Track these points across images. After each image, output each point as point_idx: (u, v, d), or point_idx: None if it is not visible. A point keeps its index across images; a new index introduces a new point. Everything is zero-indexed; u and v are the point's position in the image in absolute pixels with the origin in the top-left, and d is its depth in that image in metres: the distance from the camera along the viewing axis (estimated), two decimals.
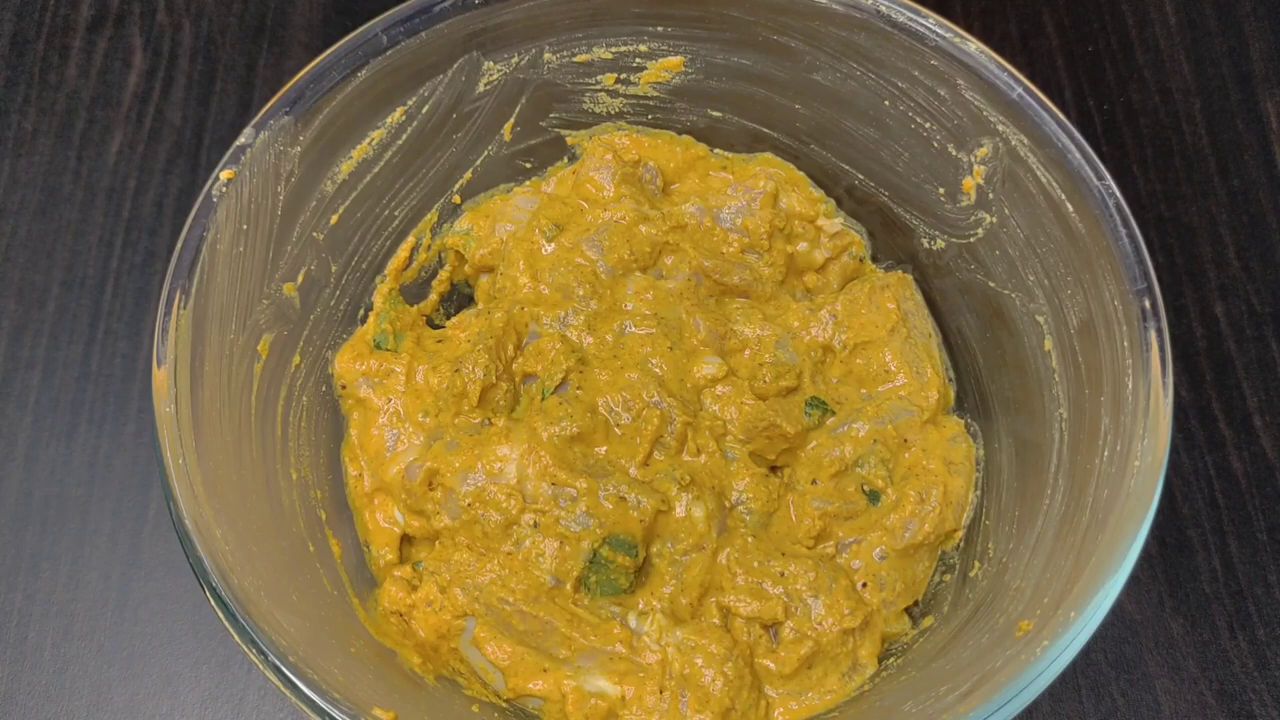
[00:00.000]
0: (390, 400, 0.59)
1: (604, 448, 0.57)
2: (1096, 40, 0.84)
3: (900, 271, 0.65)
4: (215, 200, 0.52)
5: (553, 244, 0.63)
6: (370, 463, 0.59)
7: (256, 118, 0.54)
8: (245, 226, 0.54)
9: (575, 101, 0.65)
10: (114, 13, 0.85)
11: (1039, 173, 0.54)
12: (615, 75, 0.64)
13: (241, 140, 0.53)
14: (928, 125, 0.59)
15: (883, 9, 0.56)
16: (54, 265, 0.76)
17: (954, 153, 0.58)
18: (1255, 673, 0.67)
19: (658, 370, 0.58)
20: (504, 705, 0.55)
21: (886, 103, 0.60)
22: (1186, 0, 0.86)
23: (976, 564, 0.58)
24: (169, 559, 0.69)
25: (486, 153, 0.64)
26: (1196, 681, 0.66)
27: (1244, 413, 0.73)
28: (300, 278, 0.58)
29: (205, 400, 0.51)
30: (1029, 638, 0.47)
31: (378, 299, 0.63)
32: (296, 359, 0.58)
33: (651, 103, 0.65)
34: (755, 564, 0.55)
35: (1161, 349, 0.49)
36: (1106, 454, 0.50)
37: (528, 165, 0.67)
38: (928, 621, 0.58)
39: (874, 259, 0.67)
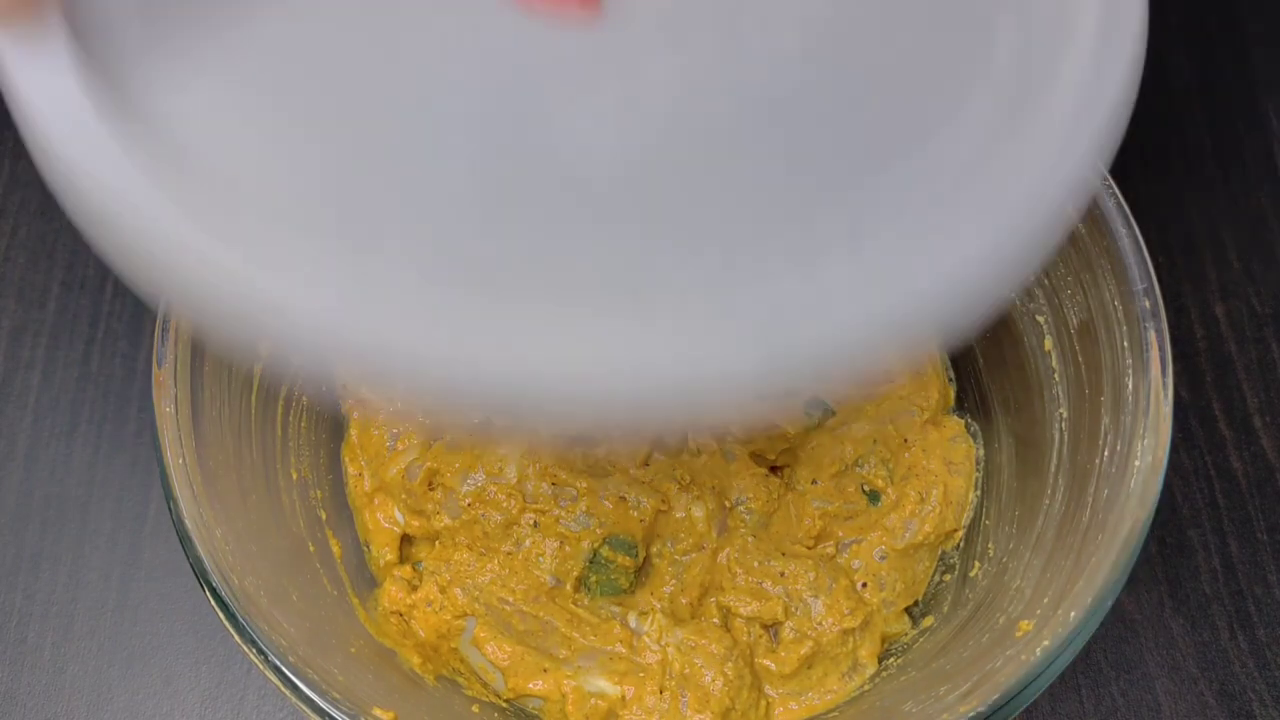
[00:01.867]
0: (390, 400, 0.59)
1: (604, 448, 0.57)
2: None
3: None
4: None
5: None
6: (370, 462, 0.59)
7: None
8: None
9: None
10: None
11: None
12: None
13: None
14: None
15: None
16: (54, 265, 0.76)
17: None
18: (1255, 673, 0.66)
19: None
20: (504, 705, 0.55)
21: None
22: (1186, 0, 0.86)
23: (976, 564, 0.58)
24: (169, 559, 0.68)
25: None
26: (1196, 681, 0.66)
27: (1244, 413, 0.73)
28: None
29: (205, 400, 0.51)
30: (1029, 638, 0.47)
31: None
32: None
33: None
34: (755, 564, 0.55)
35: (1161, 349, 0.49)
36: (1106, 454, 0.50)
37: None
38: (928, 621, 0.58)
39: None
